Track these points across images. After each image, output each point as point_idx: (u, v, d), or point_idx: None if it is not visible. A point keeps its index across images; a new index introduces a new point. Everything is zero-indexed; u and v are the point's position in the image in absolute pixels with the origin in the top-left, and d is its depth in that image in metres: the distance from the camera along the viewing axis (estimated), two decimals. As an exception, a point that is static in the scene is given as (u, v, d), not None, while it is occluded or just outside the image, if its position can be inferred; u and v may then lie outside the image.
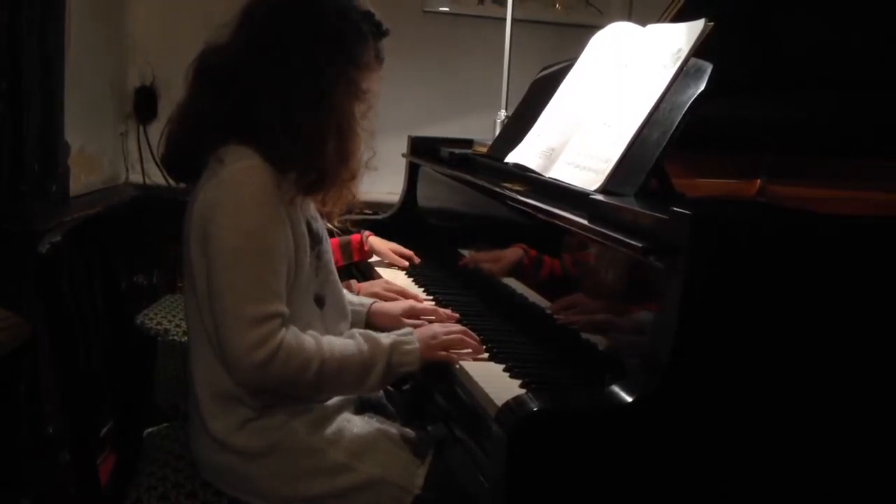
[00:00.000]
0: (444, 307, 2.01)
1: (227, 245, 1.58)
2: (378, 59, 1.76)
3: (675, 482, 1.38)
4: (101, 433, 2.42)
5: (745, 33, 2.15)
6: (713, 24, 1.74)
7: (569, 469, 1.34)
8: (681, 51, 1.76)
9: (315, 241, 1.74)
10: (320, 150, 1.66)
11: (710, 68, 1.69)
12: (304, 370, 1.60)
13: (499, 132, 2.76)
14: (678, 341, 1.35)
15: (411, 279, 2.36)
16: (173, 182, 1.81)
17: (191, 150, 1.71)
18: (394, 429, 1.75)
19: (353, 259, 2.50)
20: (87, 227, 1.81)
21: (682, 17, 1.96)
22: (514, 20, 3.11)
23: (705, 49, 1.73)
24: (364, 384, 1.67)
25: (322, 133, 1.66)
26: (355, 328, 1.80)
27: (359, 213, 2.39)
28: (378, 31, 1.76)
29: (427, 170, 2.72)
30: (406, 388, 1.92)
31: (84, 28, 3.08)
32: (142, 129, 3.62)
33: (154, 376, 2.65)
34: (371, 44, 1.74)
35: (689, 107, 1.67)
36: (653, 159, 1.67)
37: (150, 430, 1.87)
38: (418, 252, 2.52)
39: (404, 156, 2.86)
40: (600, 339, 1.63)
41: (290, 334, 1.59)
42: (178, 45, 2.11)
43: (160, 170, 1.82)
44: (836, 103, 2.16)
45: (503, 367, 1.66)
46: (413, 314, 1.95)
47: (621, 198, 1.64)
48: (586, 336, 1.67)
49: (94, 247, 1.79)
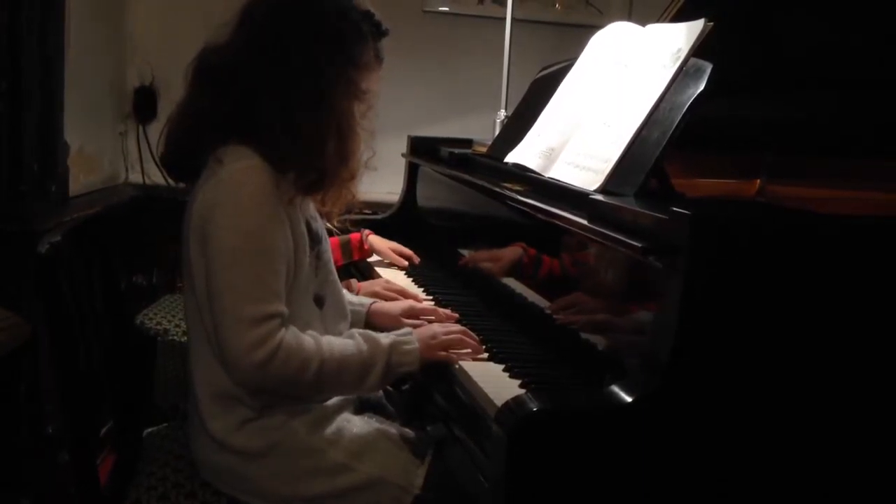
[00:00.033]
0: (444, 307, 2.01)
1: (227, 245, 1.58)
2: (378, 59, 1.76)
3: (675, 482, 1.38)
4: (101, 433, 2.41)
5: (745, 33, 2.15)
6: (713, 23, 1.74)
7: (568, 469, 1.34)
8: (680, 51, 1.76)
9: (314, 240, 1.74)
10: (320, 150, 1.66)
11: (709, 68, 1.69)
12: (304, 370, 1.59)
13: (498, 132, 2.76)
14: (678, 341, 1.35)
15: (411, 279, 2.36)
16: (173, 182, 1.81)
17: (190, 150, 1.71)
18: (393, 429, 1.74)
19: (353, 258, 2.49)
20: (86, 227, 1.81)
21: (681, 17, 1.96)
22: (513, 20, 3.11)
23: (705, 49, 1.73)
24: (363, 384, 1.67)
25: (322, 133, 1.66)
26: (355, 328, 1.80)
27: (358, 213, 2.39)
28: (378, 31, 1.76)
29: (427, 170, 2.71)
30: (405, 388, 1.92)
31: (84, 28, 3.08)
32: (141, 128, 3.62)
33: (154, 376, 2.66)
34: (371, 44, 1.74)
35: (688, 107, 1.67)
36: (652, 159, 1.67)
37: (150, 430, 1.87)
38: (418, 252, 2.52)
39: (404, 156, 2.86)
40: (600, 339, 1.63)
41: (290, 334, 1.59)
42: (177, 45, 2.11)
43: (160, 170, 1.82)
44: (836, 103, 2.16)
45: (503, 367, 1.66)
46: (413, 314, 1.95)
47: (621, 198, 1.63)
48: (586, 336, 1.67)
49: (94, 247, 1.79)
